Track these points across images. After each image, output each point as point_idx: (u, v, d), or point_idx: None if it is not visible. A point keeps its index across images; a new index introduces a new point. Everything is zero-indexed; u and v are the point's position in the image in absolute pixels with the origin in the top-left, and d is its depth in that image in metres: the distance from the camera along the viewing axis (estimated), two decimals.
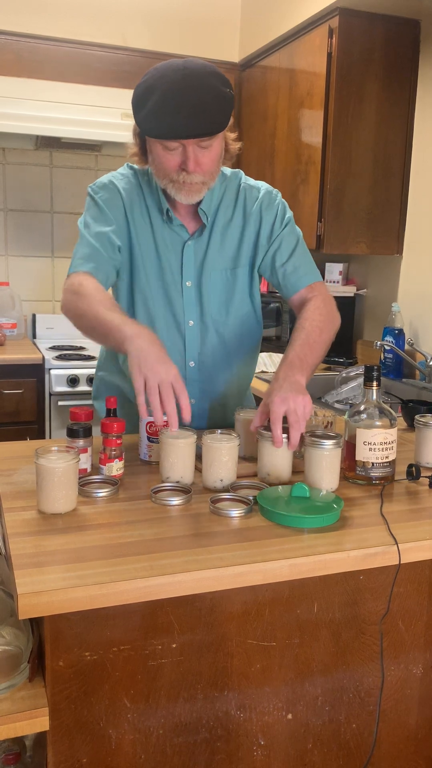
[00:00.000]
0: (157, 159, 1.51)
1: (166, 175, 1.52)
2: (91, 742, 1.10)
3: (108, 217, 1.61)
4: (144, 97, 1.44)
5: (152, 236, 1.63)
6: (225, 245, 1.66)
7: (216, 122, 1.43)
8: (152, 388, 1.29)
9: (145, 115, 1.44)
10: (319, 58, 2.72)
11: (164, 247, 1.64)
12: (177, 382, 1.31)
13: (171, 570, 1.03)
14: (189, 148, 1.45)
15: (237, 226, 1.67)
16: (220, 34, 3.35)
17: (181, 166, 1.48)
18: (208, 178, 1.53)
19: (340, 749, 1.29)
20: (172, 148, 1.46)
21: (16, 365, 2.99)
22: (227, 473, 1.35)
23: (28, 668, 1.10)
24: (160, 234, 1.63)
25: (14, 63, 3.02)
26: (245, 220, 1.67)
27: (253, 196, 1.68)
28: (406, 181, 2.82)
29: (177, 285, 1.65)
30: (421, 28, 2.71)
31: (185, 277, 1.65)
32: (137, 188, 1.64)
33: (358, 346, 3.16)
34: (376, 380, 1.42)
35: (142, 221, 1.63)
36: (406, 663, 1.31)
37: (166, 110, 1.41)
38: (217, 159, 1.52)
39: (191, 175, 1.49)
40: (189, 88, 1.41)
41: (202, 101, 1.41)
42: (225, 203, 1.66)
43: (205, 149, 1.47)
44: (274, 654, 1.20)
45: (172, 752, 1.16)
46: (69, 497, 1.23)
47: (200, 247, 1.65)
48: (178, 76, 1.42)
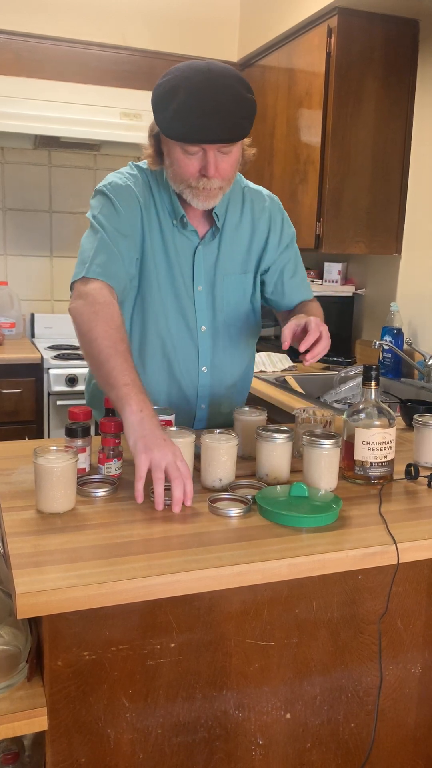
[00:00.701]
0: (175, 162, 1.47)
1: (184, 180, 1.48)
2: (90, 741, 1.10)
3: (126, 223, 1.54)
4: (166, 98, 1.39)
5: (162, 241, 1.60)
6: (234, 249, 1.66)
7: (240, 128, 1.41)
8: (158, 479, 1.23)
9: (168, 116, 1.39)
10: (317, 58, 2.72)
11: (174, 252, 1.61)
12: (183, 466, 1.24)
13: (170, 569, 1.03)
14: (210, 153, 1.42)
15: (245, 231, 1.67)
16: (219, 34, 3.35)
17: (201, 172, 1.45)
18: (225, 184, 1.50)
19: (338, 749, 1.29)
20: (193, 152, 1.43)
21: (14, 365, 2.99)
22: (226, 473, 1.35)
23: (26, 668, 1.10)
24: (171, 239, 1.60)
25: (13, 62, 3.02)
26: (253, 225, 1.68)
27: (259, 202, 1.69)
28: (404, 181, 2.82)
29: (189, 290, 1.63)
30: (420, 27, 2.71)
31: (197, 281, 1.63)
32: (147, 190, 1.59)
33: (357, 345, 3.16)
34: (374, 380, 1.42)
35: (153, 226, 1.59)
36: (404, 662, 1.31)
37: (190, 113, 1.37)
38: (235, 165, 1.50)
39: (210, 181, 1.46)
40: (214, 91, 1.37)
41: (226, 106, 1.38)
42: (232, 206, 1.65)
43: (226, 155, 1.45)
44: (272, 653, 1.20)
45: (171, 752, 1.16)
46: (67, 497, 1.23)
47: (211, 252, 1.64)
48: (203, 79, 1.38)
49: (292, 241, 1.73)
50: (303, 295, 1.76)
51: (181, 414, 1.64)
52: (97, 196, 1.60)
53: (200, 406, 1.72)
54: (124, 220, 1.55)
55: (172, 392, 1.69)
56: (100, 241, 1.51)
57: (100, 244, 1.51)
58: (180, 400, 1.69)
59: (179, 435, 1.36)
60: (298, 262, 1.75)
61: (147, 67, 3.21)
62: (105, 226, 1.53)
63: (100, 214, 1.55)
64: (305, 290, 1.77)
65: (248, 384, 1.85)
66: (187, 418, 1.71)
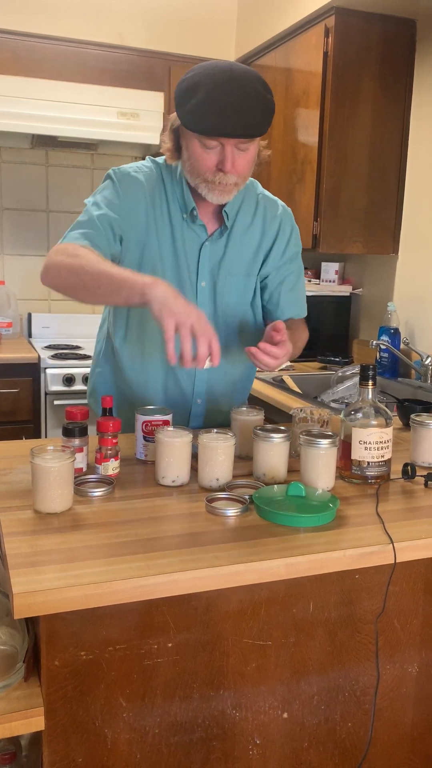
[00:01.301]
0: (193, 156, 1.50)
1: (200, 174, 1.51)
2: (87, 741, 1.10)
3: (121, 206, 1.58)
4: (189, 93, 1.44)
5: (170, 233, 1.62)
6: (242, 251, 1.68)
7: (259, 125, 1.44)
8: (185, 336, 1.30)
9: (189, 110, 1.43)
10: (315, 58, 2.72)
11: (182, 244, 1.63)
12: (207, 324, 1.32)
13: (167, 569, 1.03)
14: (228, 148, 1.46)
15: (255, 235, 1.69)
16: (216, 33, 3.34)
17: (218, 166, 1.48)
18: (240, 181, 1.54)
19: (335, 748, 1.29)
20: (211, 146, 1.47)
21: (11, 364, 2.98)
22: (223, 473, 1.35)
23: (23, 668, 1.10)
24: (179, 231, 1.63)
25: (11, 61, 3.02)
26: (263, 231, 1.69)
27: (273, 210, 1.71)
28: (402, 181, 2.82)
29: (192, 285, 1.66)
30: (417, 27, 2.71)
31: (200, 277, 1.66)
32: (159, 183, 1.62)
33: (354, 345, 3.16)
34: (371, 379, 1.42)
35: (162, 217, 1.62)
36: (401, 662, 1.31)
37: (211, 107, 1.41)
38: (251, 162, 1.54)
39: (227, 176, 1.49)
40: (235, 89, 1.41)
41: (246, 103, 1.42)
42: (244, 209, 1.67)
43: (243, 152, 1.49)
44: (269, 653, 1.20)
45: (168, 751, 1.16)
46: (64, 497, 1.23)
47: (217, 249, 1.66)
48: (225, 77, 1.42)
49: (297, 255, 1.75)
50: (297, 312, 1.77)
51: (177, 408, 1.65)
52: (104, 180, 1.65)
53: (196, 401, 1.73)
54: (120, 199, 1.59)
55: (169, 385, 1.71)
56: (85, 215, 1.58)
57: (85, 217, 1.57)
58: (176, 394, 1.71)
59: (176, 435, 1.36)
60: (299, 278, 1.77)
61: (145, 66, 3.20)
62: (98, 203, 1.59)
63: (95, 195, 1.62)
64: (300, 307, 1.78)
65: (249, 384, 1.86)
66: (183, 413, 1.71)
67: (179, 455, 1.36)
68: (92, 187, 3.59)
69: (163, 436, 1.35)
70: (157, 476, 1.38)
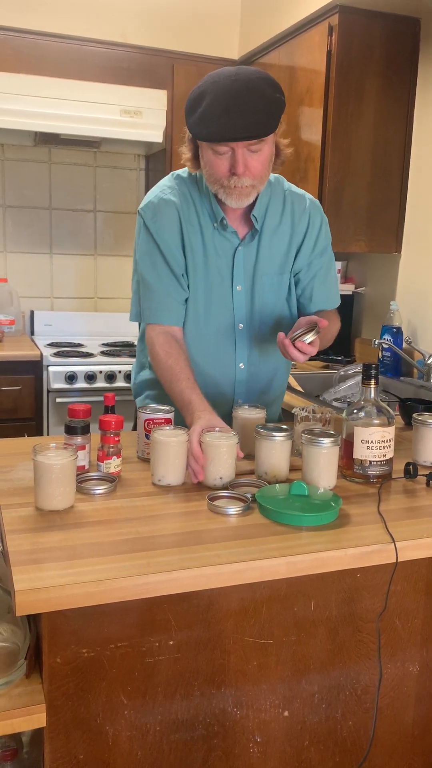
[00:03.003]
0: (207, 163, 1.53)
1: (217, 180, 1.53)
2: (88, 738, 1.11)
3: (162, 247, 1.62)
4: (196, 103, 1.47)
5: (202, 242, 1.65)
6: (273, 250, 1.69)
7: (264, 125, 1.45)
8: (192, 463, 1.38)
9: (196, 119, 1.46)
10: (318, 56, 2.72)
11: (214, 252, 1.66)
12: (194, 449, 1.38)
13: (168, 567, 1.03)
14: (238, 151, 1.47)
15: (285, 233, 1.69)
16: (219, 32, 3.34)
17: (231, 170, 1.49)
18: (257, 182, 1.54)
19: (336, 746, 1.29)
20: (222, 152, 1.48)
21: (14, 362, 2.98)
22: (227, 471, 1.35)
23: (25, 665, 1.10)
24: (211, 240, 1.65)
25: (13, 59, 3.02)
26: (293, 227, 1.70)
27: (301, 204, 1.71)
28: (405, 180, 2.81)
29: (228, 289, 1.68)
30: (421, 26, 2.70)
31: (236, 281, 1.68)
32: (187, 197, 1.65)
33: (357, 344, 3.16)
34: (374, 378, 1.42)
35: (193, 229, 1.64)
36: (402, 661, 1.31)
37: (215, 114, 1.43)
38: (267, 163, 1.54)
39: (241, 179, 1.50)
40: (239, 92, 1.43)
41: (250, 105, 1.43)
42: (272, 209, 1.68)
43: (255, 153, 1.49)
44: (271, 651, 1.20)
45: (169, 749, 1.16)
46: (67, 494, 1.23)
47: (251, 252, 1.68)
48: (229, 82, 1.44)
49: (327, 248, 1.76)
50: (329, 303, 1.78)
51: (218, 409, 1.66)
52: (138, 227, 1.69)
53: (237, 401, 1.75)
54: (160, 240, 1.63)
55: (209, 388, 1.71)
56: (144, 284, 1.66)
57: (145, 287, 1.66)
58: (216, 396, 1.72)
59: (173, 435, 1.36)
60: (330, 269, 1.77)
61: (147, 64, 3.20)
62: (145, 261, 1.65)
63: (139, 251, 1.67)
64: (332, 298, 1.79)
65: (285, 381, 1.87)
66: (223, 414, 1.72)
67: (175, 455, 1.35)
68: (95, 185, 3.59)
69: (159, 435, 1.35)
70: (153, 477, 1.37)
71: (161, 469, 1.35)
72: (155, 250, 1.64)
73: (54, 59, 3.07)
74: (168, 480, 1.35)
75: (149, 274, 1.65)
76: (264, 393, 1.78)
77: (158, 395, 1.79)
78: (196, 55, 3.21)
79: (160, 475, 1.36)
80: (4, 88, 2.94)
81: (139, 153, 3.63)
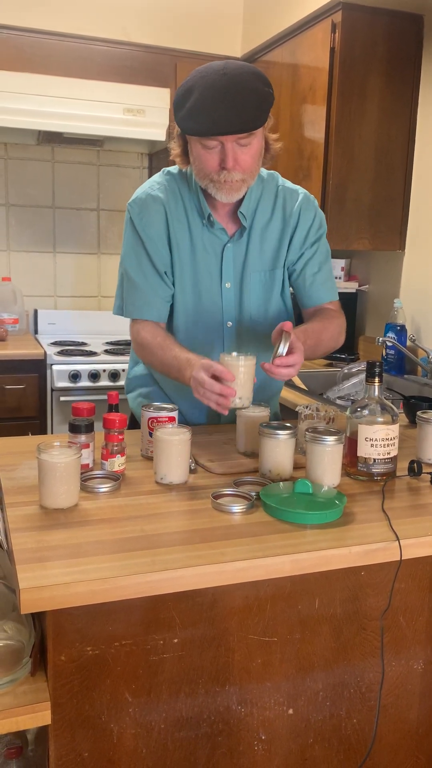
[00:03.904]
0: (197, 158, 1.53)
1: (207, 175, 1.53)
2: (93, 736, 1.11)
3: (147, 244, 1.62)
4: (184, 98, 1.46)
5: (190, 239, 1.64)
6: (264, 247, 1.68)
7: (253, 119, 1.45)
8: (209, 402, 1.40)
9: (184, 114, 1.46)
10: (321, 54, 2.71)
11: (203, 249, 1.65)
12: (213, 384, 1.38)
13: (173, 565, 1.04)
14: (228, 145, 1.47)
15: (276, 228, 1.68)
16: (222, 29, 3.34)
17: (221, 165, 1.49)
18: (248, 176, 1.54)
19: (340, 744, 1.29)
20: (211, 146, 1.48)
21: (17, 361, 2.99)
22: (245, 392, 1.38)
23: (30, 663, 1.10)
24: (199, 237, 1.65)
25: (16, 58, 3.02)
26: (284, 222, 1.69)
27: (292, 199, 1.70)
28: (408, 177, 2.81)
29: (216, 287, 1.67)
30: (425, 23, 2.70)
31: (225, 278, 1.67)
32: (175, 194, 1.64)
33: (360, 342, 3.16)
34: (378, 376, 1.42)
35: (180, 225, 1.64)
36: (406, 659, 1.31)
37: (203, 108, 1.42)
38: (256, 157, 1.54)
39: (231, 173, 1.50)
40: (227, 86, 1.42)
41: (239, 99, 1.42)
42: (263, 205, 1.67)
43: (244, 147, 1.49)
44: (275, 649, 1.20)
45: (174, 747, 1.17)
46: (71, 492, 1.23)
47: (240, 250, 1.67)
48: (217, 76, 1.44)
49: (320, 239, 1.73)
50: (326, 296, 1.75)
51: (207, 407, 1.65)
52: (125, 222, 1.69)
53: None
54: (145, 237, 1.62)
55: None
56: (128, 280, 1.66)
57: (129, 283, 1.66)
58: None
59: (175, 433, 1.36)
60: (325, 262, 1.74)
61: (150, 62, 3.20)
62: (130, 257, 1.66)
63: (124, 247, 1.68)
64: (328, 291, 1.76)
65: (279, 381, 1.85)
66: (213, 411, 1.72)
67: (178, 453, 1.35)
68: (98, 183, 3.59)
69: (162, 433, 1.35)
70: (156, 476, 1.37)
71: (164, 467, 1.36)
72: (140, 246, 1.64)
73: (57, 58, 3.07)
74: (170, 478, 1.35)
75: (134, 271, 1.65)
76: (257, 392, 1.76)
77: (150, 392, 1.79)
78: (199, 53, 3.21)
79: (163, 473, 1.36)
80: (8, 87, 2.94)
81: (143, 151, 3.63)
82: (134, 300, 1.66)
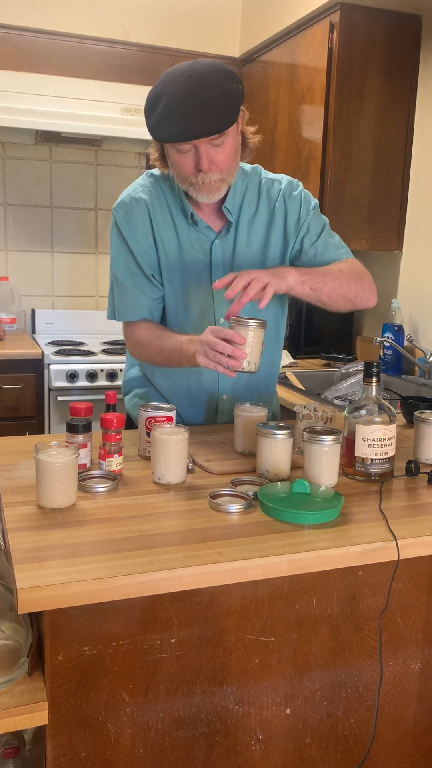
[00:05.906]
0: (173, 163, 1.53)
1: (185, 178, 1.53)
2: (90, 736, 1.11)
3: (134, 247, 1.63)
4: (153, 104, 1.46)
5: (177, 239, 1.64)
6: (252, 240, 1.67)
7: (223, 119, 1.43)
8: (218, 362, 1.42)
9: (154, 121, 1.46)
10: (320, 53, 2.71)
11: (190, 248, 1.65)
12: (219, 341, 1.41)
13: (170, 565, 1.04)
14: (201, 147, 1.46)
15: (262, 221, 1.67)
16: (220, 29, 3.34)
17: (197, 167, 1.49)
18: (226, 175, 1.54)
19: (338, 744, 1.29)
20: (185, 150, 1.48)
21: (15, 360, 2.99)
22: (253, 356, 1.39)
23: (27, 662, 1.10)
24: (186, 236, 1.64)
25: (14, 57, 3.02)
26: (271, 213, 1.67)
27: (276, 189, 1.69)
28: (406, 177, 2.81)
29: (206, 285, 1.66)
30: (423, 23, 2.70)
31: (214, 276, 1.66)
32: (159, 195, 1.64)
33: (358, 342, 3.16)
34: (375, 376, 1.42)
35: (166, 226, 1.64)
36: (404, 658, 1.31)
37: (172, 114, 1.42)
38: (232, 155, 1.53)
39: (208, 175, 1.50)
40: (193, 89, 1.42)
41: (206, 100, 1.41)
42: (248, 199, 1.67)
43: (218, 147, 1.48)
44: (272, 649, 1.20)
45: (171, 746, 1.17)
46: (68, 492, 1.23)
47: (228, 245, 1.66)
48: (184, 79, 1.43)
49: (311, 213, 1.69)
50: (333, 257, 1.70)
51: (204, 407, 1.65)
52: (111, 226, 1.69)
53: (221, 397, 1.73)
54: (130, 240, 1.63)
55: (192, 385, 1.71)
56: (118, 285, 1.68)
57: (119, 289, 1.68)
58: (201, 393, 1.72)
59: (173, 433, 1.36)
60: (324, 229, 1.70)
61: (149, 62, 3.20)
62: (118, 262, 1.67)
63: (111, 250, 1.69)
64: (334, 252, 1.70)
65: (275, 376, 1.85)
66: (210, 411, 1.71)
67: (176, 453, 1.35)
68: (96, 183, 3.59)
69: (160, 433, 1.35)
70: (154, 476, 1.37)
71: (161, 467, 1.35)
72: (127, 249, 1.64)
73: (55, 57, 3.07)
74: (168, 478, 1.35)
75: (122, 274, 1.66)
76: (250, 389, 1.75)
77: (145, 393, 1.79)
78: (198, 53, 3.21)
79: (160, 473, 1.36)
80: (6, 86, 2.94)
81: (140, 151, 3.63)
82: (125, 302, 1.67)
